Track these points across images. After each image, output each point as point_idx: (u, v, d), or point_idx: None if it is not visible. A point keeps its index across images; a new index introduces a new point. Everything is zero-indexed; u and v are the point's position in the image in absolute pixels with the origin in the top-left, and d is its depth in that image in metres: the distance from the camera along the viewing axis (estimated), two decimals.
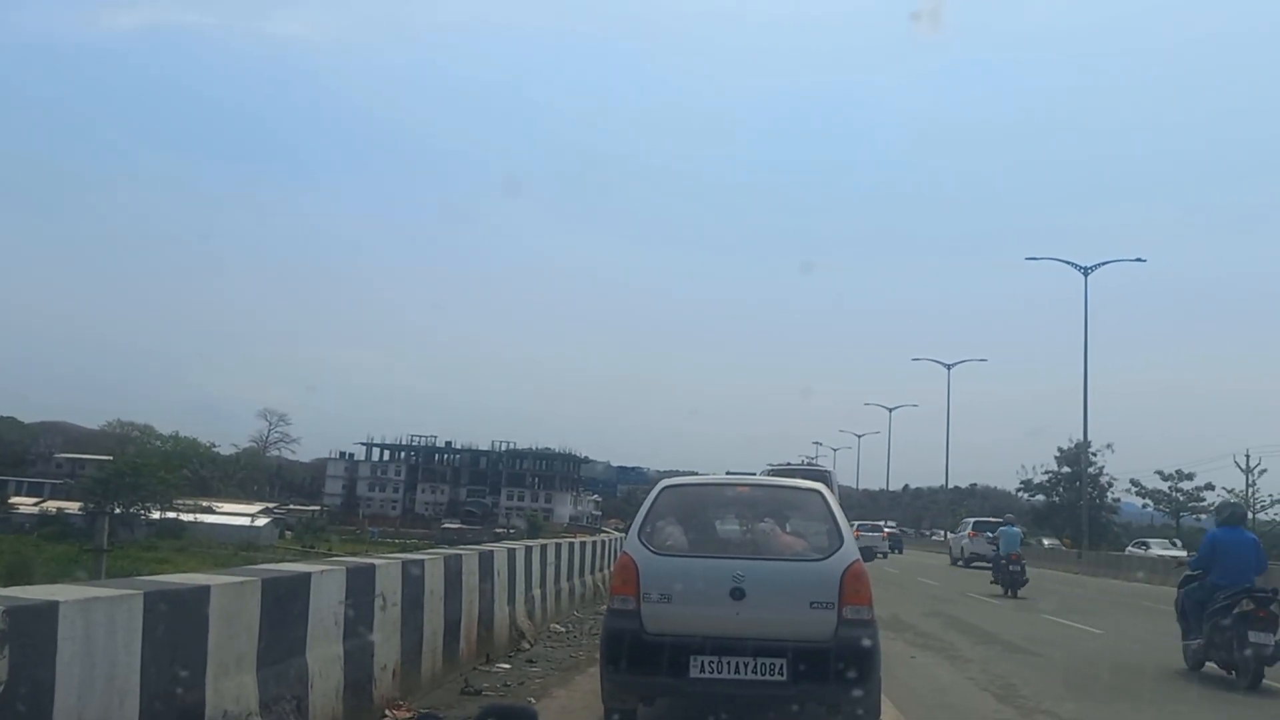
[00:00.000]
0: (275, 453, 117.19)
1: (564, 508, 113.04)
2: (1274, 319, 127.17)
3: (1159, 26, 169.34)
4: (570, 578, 14.95)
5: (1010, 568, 23.39)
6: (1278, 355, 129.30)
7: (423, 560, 8.16)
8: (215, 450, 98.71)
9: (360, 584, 6.67)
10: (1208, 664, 10.69)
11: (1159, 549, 42.84)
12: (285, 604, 5.60)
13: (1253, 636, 9.88)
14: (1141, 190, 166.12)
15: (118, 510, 62.43)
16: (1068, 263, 46.37)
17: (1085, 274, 45.66)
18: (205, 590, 4.79)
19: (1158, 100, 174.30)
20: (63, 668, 3.79)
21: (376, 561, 7.31)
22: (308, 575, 5.94)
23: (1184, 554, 27.69)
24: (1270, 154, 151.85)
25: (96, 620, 3.99)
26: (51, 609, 3.77)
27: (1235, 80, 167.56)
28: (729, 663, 6.20)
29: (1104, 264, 46.14)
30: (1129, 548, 48.83)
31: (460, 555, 9.17)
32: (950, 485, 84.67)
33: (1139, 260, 47.82)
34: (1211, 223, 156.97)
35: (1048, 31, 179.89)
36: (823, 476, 18.11)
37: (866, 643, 6.26)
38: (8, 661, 3.50)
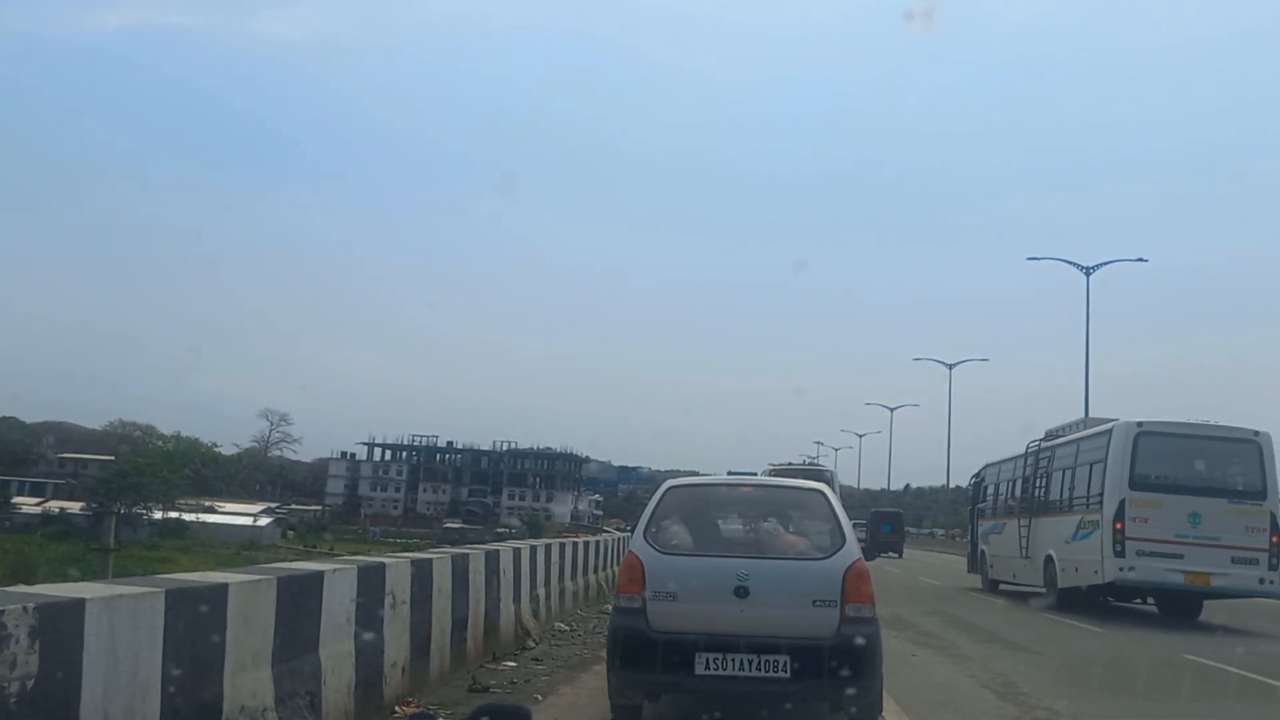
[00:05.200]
0: (277, 452, 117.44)
1: (565, 507, 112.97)
2: (1274, 318, 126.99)
3: (1156, 25, 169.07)
4: (573, 577, 15.06)
5: None
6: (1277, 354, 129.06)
7: (431, 559, 8.28)
8: (217, 450, 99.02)
9: (371, 583, 6.78)
10: None
11: None
12: (299, 602, 5.70)
13: None
14: (1140, 186, 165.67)
15: (121, 510, 62.60)
16: (1069, 263, 46.45)
17: (1087, 274, 45.73)
18: (224, 588, 4.89)
19: (1154, 97, 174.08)
20: (89, 663, 3.89)
21: (387, 560, 7.42)
22: (320, 574, 6.05)
23: None
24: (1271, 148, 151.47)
25: (121, 617, 4.10)
26: (79, 606, 3.88)
27: (1231, 78, 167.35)
28: (733, 660, 6.31)
29: (1106, 264, 46.22)
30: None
31: (467, 554, 9.28)
32: (952, 485, 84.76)
33: (1140, 260, 47.96)
34: (1211, 220, 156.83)
35: (1045, 27, 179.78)
36: (824, 476, 18.27)
37: (868, 640, 6.36)
38: (38, 656, 3.62)
